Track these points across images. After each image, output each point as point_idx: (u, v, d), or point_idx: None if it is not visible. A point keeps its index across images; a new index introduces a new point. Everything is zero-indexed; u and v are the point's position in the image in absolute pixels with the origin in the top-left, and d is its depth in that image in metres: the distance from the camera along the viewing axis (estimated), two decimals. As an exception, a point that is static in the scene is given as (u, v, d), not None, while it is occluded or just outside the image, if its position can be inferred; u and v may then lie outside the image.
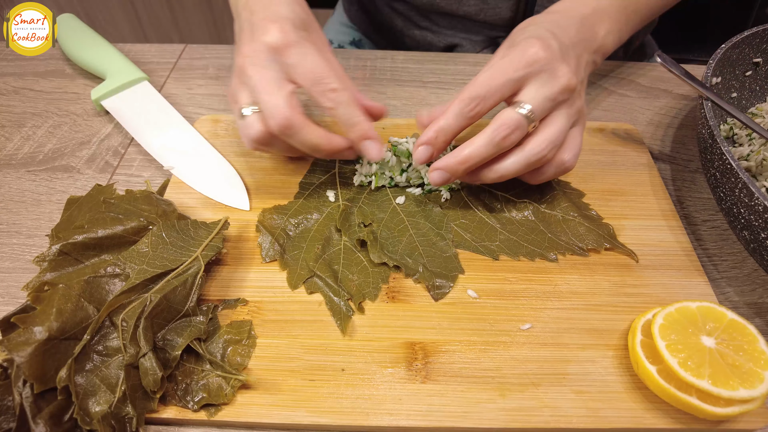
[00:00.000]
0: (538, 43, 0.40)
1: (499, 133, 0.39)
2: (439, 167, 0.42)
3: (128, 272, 0.37)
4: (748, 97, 0.55)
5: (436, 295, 0.41)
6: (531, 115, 0.39)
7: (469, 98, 0.40)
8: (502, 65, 0.40)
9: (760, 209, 0.37)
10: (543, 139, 0.40)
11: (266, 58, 0.40)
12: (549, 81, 0.40)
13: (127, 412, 0.33)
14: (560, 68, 0.40)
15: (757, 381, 0.32)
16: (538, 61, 0.40)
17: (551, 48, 0.40)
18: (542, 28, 0.43)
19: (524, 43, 0.41)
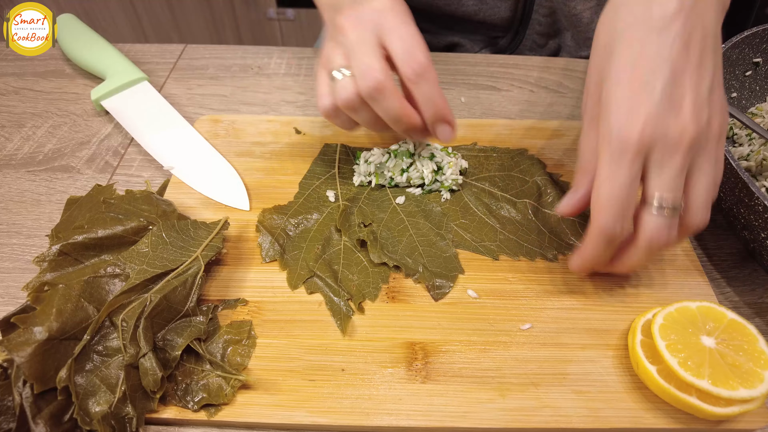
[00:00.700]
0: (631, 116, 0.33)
1: (656, 244, 0.35)
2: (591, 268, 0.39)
3: (128, 272, 0.37)
4: (748, 97, 0.55)
5: (436, 295, 0.41)
6: (675, 209, 0.34)
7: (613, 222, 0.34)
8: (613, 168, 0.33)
9: (759, 209, 0.37)
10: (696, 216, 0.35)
11: (368, 20, 0.39)
12: (666, 156, 0.33)
13: (127, 413, 0.33)
14: (670, 129, 0.33)
15: (757, 381, 0.32)
16: (644, 142, 0.33)
17: (650, 106, 0.33)
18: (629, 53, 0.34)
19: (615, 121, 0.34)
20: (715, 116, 0.34)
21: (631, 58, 0.34)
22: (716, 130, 0.34)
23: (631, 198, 0.34)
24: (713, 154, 0.35)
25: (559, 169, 0.50)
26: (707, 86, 0.34)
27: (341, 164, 0.50)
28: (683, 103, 0.33)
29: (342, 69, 0.40)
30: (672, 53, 0.33)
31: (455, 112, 0.58)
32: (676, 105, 0.33)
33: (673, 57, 0.33)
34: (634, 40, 0.34)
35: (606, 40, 0.36)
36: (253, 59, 0.65)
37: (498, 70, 0.64)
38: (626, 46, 0.34)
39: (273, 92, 0.60)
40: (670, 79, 0.33)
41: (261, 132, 0.54)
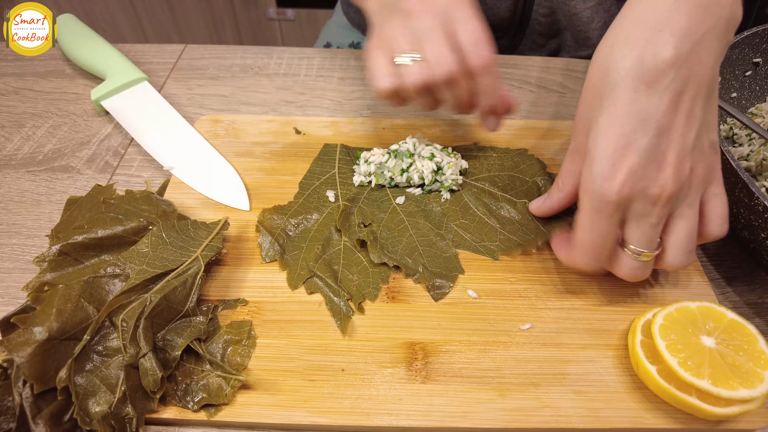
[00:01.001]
0: (616, 174, 0.34)
1: (633, 280, 0.38)
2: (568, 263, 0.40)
3: (128, 272, 0.37)
4: (748, 97, 0.55)
5: (436, 295, 0.41)
6: (649, 255, 0.36)
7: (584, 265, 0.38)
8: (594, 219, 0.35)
9: (759, 209, 0.37)
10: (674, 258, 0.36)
11: (440, 10, 0.40)
12: (644, 209, 0.34)
13: (127, 413, 0.33)
14: (651, 187, 0.34)
15: (757, 381, 0.32)
16: (623, 199, 0.34)
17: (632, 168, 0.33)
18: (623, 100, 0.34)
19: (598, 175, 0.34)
20: (699, 163, 0.35)
21: (619, 111, 0.34)
22: (699, 177, 0.35)
23: (608, 243, 0.36)
24: (695, 201, 0.36)
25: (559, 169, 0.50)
26: (693, 136, 0.34)
27: (341, 164, 0.50)
28: (666, 158, 0.34)
29: (409, 54, 0.40)
30: (659, 110, 0.33)
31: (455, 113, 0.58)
32: (658, 160, 0.34)
33: (660, 114, 0.33)
34: (624, 92, 0.34)
35: (598, 82, 0.36)
36: (253, 59, 0.65)
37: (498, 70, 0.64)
38: (616, 97, 0.34)
39: (273, 92, 0.60)
40: (655, 136, 0.33)
41: (261, 132, 0.54)
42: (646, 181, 0.34)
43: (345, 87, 0.61)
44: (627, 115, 0.34)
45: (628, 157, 0.34)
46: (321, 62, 0.64)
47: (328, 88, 0.61)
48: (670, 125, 0.34)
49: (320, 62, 0.64)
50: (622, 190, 0.34)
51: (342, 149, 0.51)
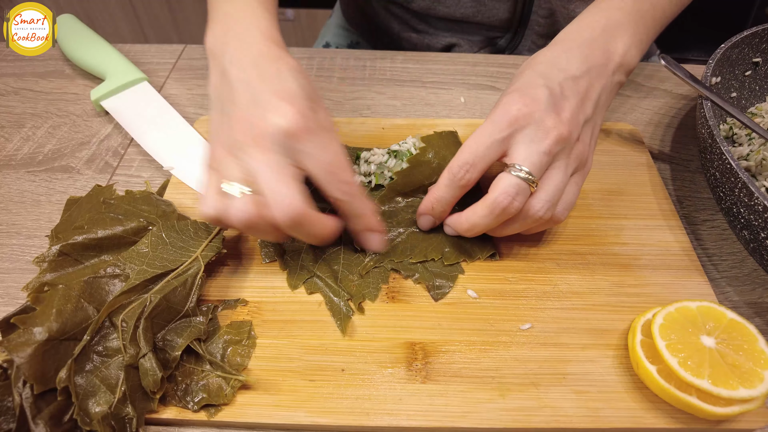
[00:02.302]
0: (519, 99, 0.38)
1: (501, 203, 0.37)
2: (449, 224, 0.43)
3: (128, 273, 0.37)
4: (748, 96, 0.55)
5: (436, 295, 0.41)
6: (528, 176, 0.37)
7: (458, 167, 0.39)
8: (486, 128, 0.39)
9: (759, 209, 0.37)
10: (541, 201, 0.38)
11: (274, 141, 0.35)
12: (536, 135, 0.38)
13: (127, 413, 0.33)
14: (547, 119, 0.38)
15: (757, 380, 0.32)
16: (520, 117, 0.38)
17: (536, 99, 0.38)
18: (535, 73, 0.40)
19: (506, 100, 0.39)
20: (584, 140, 0.40)
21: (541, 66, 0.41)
22: (579, 150, 0.40)
23: (486, 156, 0.38)
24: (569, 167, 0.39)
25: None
26: (586, 116, 0.41)
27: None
28: (564, 109, 0.39)
29: (238, 184, 0.36)
30: (569, 74, 0.41)
31: (455, 112, 0.58)
32: (559, 107, 0.39)
33: (568, 77, 0.40)
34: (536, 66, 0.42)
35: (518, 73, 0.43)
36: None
37: (498, 70, 0.64)
38: (519, 73, 0.42)
39: (273, 92, 0.60)
40: (560, 90, 0.40)
41: (261, 132, 0.54)
42: (545, 114, 0.38)
43: (345, 87, 0.61)
44: (548, 65, 0.41)
45: (536, 89, 0.39)
46: (320, 62, 0.64)
47: (327, 88, 0.61)
48: (573, 92, 0.40)
49: (320, 62, 0.64)
50: (522, 109, 0.38)
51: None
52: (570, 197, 0.40)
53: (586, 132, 0.41)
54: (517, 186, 0.37)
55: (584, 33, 0.44)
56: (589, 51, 0.42)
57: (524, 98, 0.38)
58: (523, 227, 0.40)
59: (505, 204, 0.37)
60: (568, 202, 0.40)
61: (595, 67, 0.42)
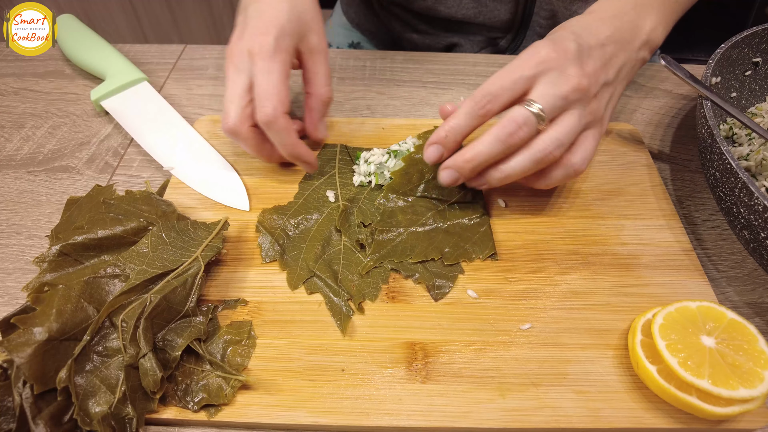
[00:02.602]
0: (550, 45, 0.40)
1: (506, 129, 0.38)
2: (448, 166, 0.42)
3: (128, 273, 0.37)
4: (748, 96, 0.55)
5: (436, 295, 0.41)
6: (540, 112, 0.38)
7: (480, 96, 0.40)
8: (514, 65, 0.40)
9: (759, 209, 0.37)
10: (550, 137, 0.39)
11: (241, 61, 0.44)
12: (558, 80, 0.39)
13: (127, 413, 0.33)
14: (570, 68, 0.40)
15: (757, 380, 0.32)
16: (547, 60, 0.40)
17: (565, 49, 0.40)
18: (567, 31, 0.43)
19: (538, 45, 0.41)
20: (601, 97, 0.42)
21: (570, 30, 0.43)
22: (596, 105, 0.42)
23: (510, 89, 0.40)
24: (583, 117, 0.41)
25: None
26: (607, 78, 0.43)
27: (341, 164, 0.50)
28: (587, 65, 0.41)
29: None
30: (597, 40, 0.42)
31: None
32: (582, 61, 0.41)
33: (595, 42, 0.42)
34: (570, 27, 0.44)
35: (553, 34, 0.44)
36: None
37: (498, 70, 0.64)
38: (552, 32, 0.44)
39: (273, 92, 0.60)
40: (586, 48, 0.41)
41: (261, 132, 0.54)
42: (570, 63, 0.40)
43: (345, 87, 0.61)
44: (580, 28, 0.43)
45: (567, 42, 0.41)
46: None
47: (327, 88, 0.61)
48: (599, 54, 0.42)
49: (320, 62, 0.64)
50: (550, 53, 0.40)
51: (342, 149, 0.51)
52: (588, 147, 0.42)
53: (604, 93, 0.43)
54: (525, 116, 0.39)
55: (616, 6, 0.46)
56: (620, 23, 0.44)
57: (554, 45, 0.40)
58: (531, 164, 0.40)
59: (510, 129, 0.38)
60: (587, 151, 0.41)
61: (623, 40, 0.44)
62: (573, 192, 0.49)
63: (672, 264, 0.43)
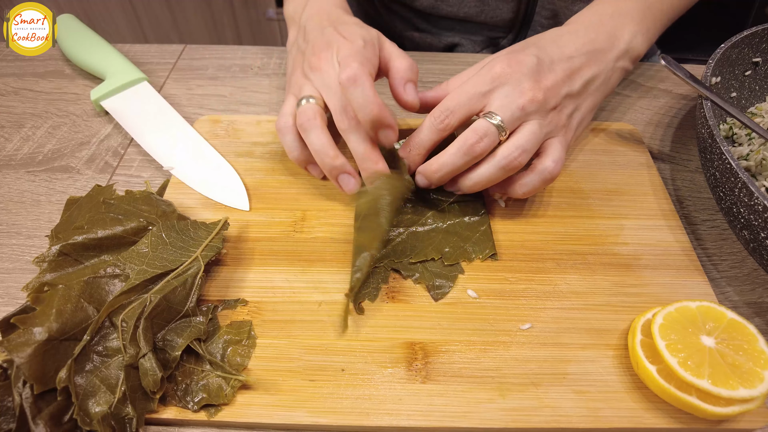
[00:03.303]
0: (505, 60, 0.42)
1: (468, 140, 0.40)
2: (420, 172, 0.44)
3: (128, 273, 0.37)
4: (748, 96, 0.55)
5: (435, 295, 0.41)
6: (500, 123, 0.40)
7: (439, 112, 0.42)
8: (470, 81, 0.42)
9: (759, 209, 0.37)
10: (512, 144, 0.41)
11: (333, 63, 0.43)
12: (513, 93, 0.41)
13: (127, 413, 0.33)
14: (525, 82, 0.41)
15: (757, 380, 0.32)
16: (501, 76, 0.41)
17: (520, 63, 0.42)
18: (531, 45, 0.44)
19: (494, 60, 0.43)
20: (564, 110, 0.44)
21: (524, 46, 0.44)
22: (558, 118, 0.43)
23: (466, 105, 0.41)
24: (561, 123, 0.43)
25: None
26: (567, 91, 0.43)
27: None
28: (543, 80, 0.42)
29: (309, 98, 0.43)
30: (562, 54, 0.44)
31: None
32: (538, 77, 0.42)
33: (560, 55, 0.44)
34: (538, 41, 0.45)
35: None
36: (253, 59, 0.65)
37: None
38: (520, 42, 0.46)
39: (273, 92, 0.60)
40: (546, 64, 0.43)
41: (261, 132, 0.54)
42: (525, 77, 0.41)
43: (345, 87, 0.61)
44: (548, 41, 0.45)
45: (525, 56, 0.42)
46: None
47: (327, 88, 0.61)
48: (562, 68, 0.43)
49: (320, 62, 0.64)
50: (505, 69, 0.41)
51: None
52: (556, 152, 0.43)
53: (567, 105, 0.44)
54: (486, 128, 0.40)
55: (593, 18, 0.47)
56: (595, 35, 0.45)
57: (510, 60, 0.42)
58: (497, 171, 0.41)
59: (472, 141, 0.40)
60: (556, 155, 0.42)
61: (596, 51, 0.45)
62: (573, 192, 0.49)
63: (672, 264, 0.43)
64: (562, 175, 0.50)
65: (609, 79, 0.46)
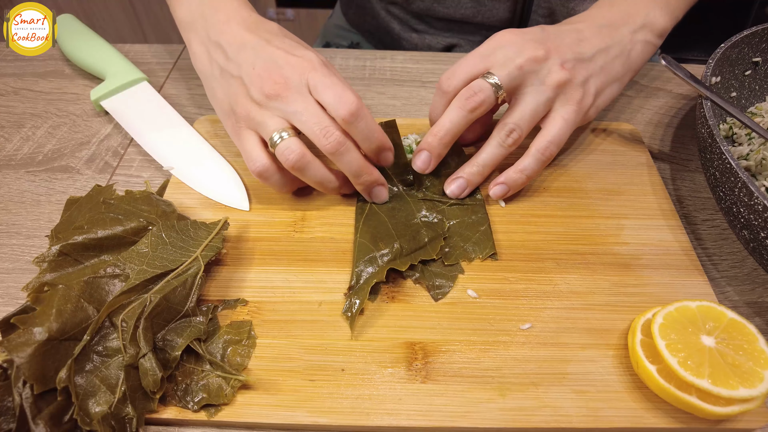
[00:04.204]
0: (512, 30, 0.44)
1: (463, 95, 0.41)
2: (421, 148, 0.44)
3: (128, 273, 0.37)
4: (748, 96, 0.55)
5: (435, 295, 0.41)
6: (496, 81, 0.41)
7: (445, 76, 0.44)
8: (472, 52, 0.44)
9: (759, 208, 0.37)
10: (511, 119, 0.43)
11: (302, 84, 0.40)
12: (513, 52, 0.42)
13: (127, 413, 0.33)
14: (528, 45, 0.42)
15: (757, 380, 0.32)
16: (504, 43, 0.43)
17: (526, 32, 0.43)
18: (541, 25, 0.45)
19: (501, 32, 0.44)
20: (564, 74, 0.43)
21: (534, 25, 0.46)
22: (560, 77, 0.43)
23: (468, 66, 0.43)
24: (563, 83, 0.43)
25: (558, 167, 0.50)
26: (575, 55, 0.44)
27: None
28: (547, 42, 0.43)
29: (281, 132, 0.40)
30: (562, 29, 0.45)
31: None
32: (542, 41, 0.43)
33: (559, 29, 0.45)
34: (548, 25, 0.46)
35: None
36: (253, 59, 0.65)
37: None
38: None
39: (273, 92, 0.60)
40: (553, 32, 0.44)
41: (261, 132, 0.54)
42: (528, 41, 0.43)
43: (345, 87, 0.61)
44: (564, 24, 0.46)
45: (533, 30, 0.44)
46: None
47: (327, 88, 0.61)
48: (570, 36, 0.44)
49: (320, 62, 0.64)
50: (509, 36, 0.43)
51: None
52: (555, 131, 0.43)
53: (578, 70, 0.44)
54: (481, 84, 0.42)
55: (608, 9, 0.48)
56: (608, 13, 0.46)
57: (516, 31, 0.44)
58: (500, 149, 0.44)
59: (466, 95, 0.41)
60: (554, 136, 0.43)
61: (609, 25, 0.46)
62: (573, 192, 0.49)
63: (672, 264, 0.43)
64: (562, 174, 0.50)
65: (629, 52, 0.46)
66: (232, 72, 0.43)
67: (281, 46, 0.42)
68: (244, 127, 0.43)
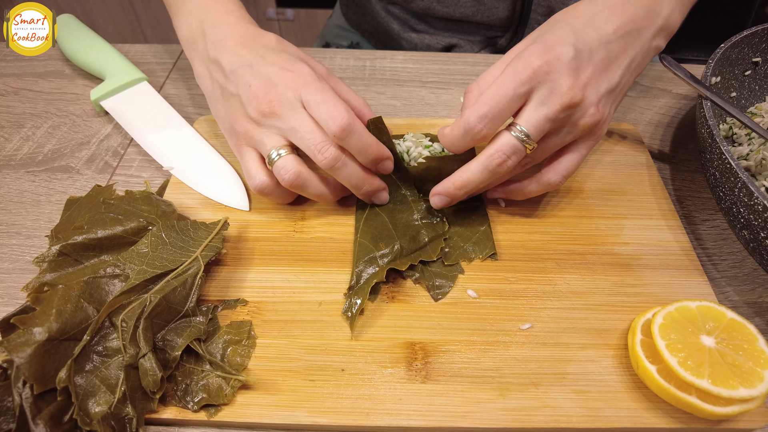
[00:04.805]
0: (543, 54, 0.38)
1: (494, 159, 0.39)
2: (439, 192, 0.42)
3: (128, 273, 0.37)
4: (748, 96, 0.55)
5: (435, 295, 0.41)
6: (526, 138, 0.38)
7: (476, 119, 0.38)
8: (508, 80, 0.38)
9: (759, 208, 0.37)
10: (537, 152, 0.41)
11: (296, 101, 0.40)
12: (548, 99, 0.38)
13: (127, 413, 0.33)
14: (564, 81, 0.37)
15: (756, 380, 0.32)
16: (539, 74, 0.37)
17: (558, 57, 0.38)
18: (567, 29, 0.40)
19: (530, 51, 0.38)
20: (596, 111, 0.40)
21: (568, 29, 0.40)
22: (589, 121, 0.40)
23: (506, 110, 0.38)
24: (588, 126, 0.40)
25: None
26: (607, 87, 0.40)
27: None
28: (582, 74, 0.39)
29: (278, 150, 0.41)
30: (591, 43, 0.40)
31: (455, 112, 0.58)
32: (576, 73, 0.38)
33: (590, 46, 0.39)
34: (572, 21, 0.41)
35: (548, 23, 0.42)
36: (253, 59, 0.65)
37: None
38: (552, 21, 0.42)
39: (273, 92, 0.60)
40: (586, 54, 0.39)
41: (261, 132, 0.54)
42: (563, 75, 0.38)
43: (345, 87, 0.61)
44: (584, 21, 0.41)
45: (562, 47, 0.38)
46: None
47: (327, 88, 0.61)
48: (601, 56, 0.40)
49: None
50: (542, 66, 0.38)
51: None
52: (569, 164, 0.42)
53: (606, 101, 0.41)
54: (513, 146, 0.39)
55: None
56: (634, 10, 0.42)
57: (547, 54, 0.38)
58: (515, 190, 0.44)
59: (498, 161, 0.39)
60: (566, 169, 0.42)
61: (634, 30, 0.42)
62: (573, 192, 0.49)
63: (672, 264, 0.43)
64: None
65: (643, 60, 0.44)
66: (231, 91, 0.43)
67: (276, 62, 0.42)
68: (244, 144, 0.43)
